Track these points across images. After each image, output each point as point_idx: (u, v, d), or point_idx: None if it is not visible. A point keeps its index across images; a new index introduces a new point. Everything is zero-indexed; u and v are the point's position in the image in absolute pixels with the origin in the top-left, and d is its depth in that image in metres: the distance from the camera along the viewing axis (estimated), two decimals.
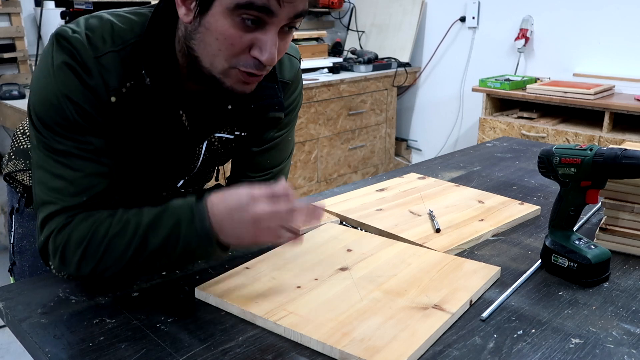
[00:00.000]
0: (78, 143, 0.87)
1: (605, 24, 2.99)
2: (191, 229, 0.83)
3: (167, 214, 0.85)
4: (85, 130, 0.87)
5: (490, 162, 1.65)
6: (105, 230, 0.85)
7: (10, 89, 2.68)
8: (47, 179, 0.87)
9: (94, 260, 0.85)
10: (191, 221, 0.83)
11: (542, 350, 0.77)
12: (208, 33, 0.83)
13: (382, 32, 3.91)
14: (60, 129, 0.86)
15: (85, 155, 0.88)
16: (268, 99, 1.02)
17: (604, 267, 0.95)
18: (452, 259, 1.00)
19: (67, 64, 0.85)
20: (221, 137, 1.04)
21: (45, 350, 0.77)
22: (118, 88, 0.88)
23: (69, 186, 0.87)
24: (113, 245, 0.84)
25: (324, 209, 0.86)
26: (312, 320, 0.81)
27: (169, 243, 0.84)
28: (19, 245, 1.17)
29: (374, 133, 3.69)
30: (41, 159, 0.88)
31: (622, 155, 0.90)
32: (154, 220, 0.84)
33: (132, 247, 0.84)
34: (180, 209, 0.84)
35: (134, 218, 0.85)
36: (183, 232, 0.83)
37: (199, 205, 0.83)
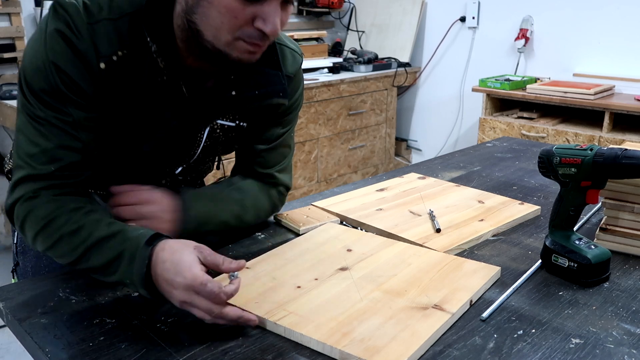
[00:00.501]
0: (58, 113, 0.89)
1: (605, 24, 2.99)
2: (129, 268, 0.83)
3: (116, 240, 0.85)
4: (67, 100, 0.88)
5: (490, 162, 1.65)
6: (60, 225, 0.88)
7: (10, 89, 2.68)
8: (23, 143, 0.90)
9: (45, 244, 0.89)
10: (130, 262, 0.82)
11: (542, 351, 0.77)
12: (211, 7, 0.84)
13: (382, 32, 3.91)
14: (44, 95, 0.88)
15: (62, 127, 0.89)
16: (272, 85, 1.02)
17: (604, 267, 0.95)
18: (452, 259, 1.00)
19: (60, 31, 0.87)
20: (223, 125, 1.04)
21: (45, 350, 0.77)
22: (109, 55, 0.89)
23: (39, 154, 0.89)
24: (62, 242, 0.88)
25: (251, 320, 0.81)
26: (312, 320, 0.81)
27: (107, 269, 0.86)
28: (22, 246, 1.17)
29: (374, 133, 3.69)
30: (22, 124, 0.91)
31: (622, 155, 0.90)
32: (103, 240, 0.85)
33: (75, 254, 0.87)
34: (129, 242, 0.84)
35: (88, 227, 0.87)
36: (121, 267, 0.84)
37: (144, 251, 0.81)
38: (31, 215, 0.89)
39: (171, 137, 0.99)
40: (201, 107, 0.99)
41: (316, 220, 1.19)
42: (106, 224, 0.88)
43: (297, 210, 1.24)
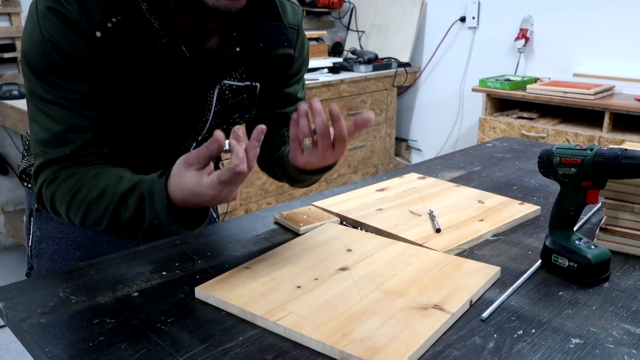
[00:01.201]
0: (64, 92, 0.88)
1: (605, 24, 2.99)
2: (152, 207, 0.85)
3: (137, 189, 0.87)
4: (71, 76, 0.88)
5: (490, 162, 1.65)
6: (85, 194, 0.89)
7: (10, 89, 2.68)
8: (37, 131, 0.91)
9: (77, 217, 0.90)
10: (152, 200, 0.85)
11: (542, 351, 0.77)
12: None
13: (382, 32, 3.91)
14: (49, 74, 0.87)
15: (70, 106, 0.89)
16: (275, 36, 1.01)
17: (604, 267, 0.95)
18: (452, 259, 1.00)
19: (50, 8, 0.86)
20: (232, 85, 1.03)
21: (45, 350, 0.77)
22: (103, 22, 0.88)
23: (52, 139, 0.89)
24: (91, 209, 0.89)
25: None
26: (312, 320, 0.81)
27: (137, 219, 0.87)
28: (37, 249, 1.16)
29: (374, 133, 3.69)
30: (33, 111, 0.91)
31: (622, 155, 0.90)
32: (126, 193, 0.87)
33: (107, 215, 0.89)
34: (145, 185, 0.86)
35: (111, 187, 0.88)
36: (147, 209, 0.86)
37: (158, 184, 0.83)
38: (57, 195, 0.90)
39: (180, 102, 0.97)
40: (206, 67, 0.97)
41: (316, 220, 1.19)
42: (128, 178, 0.88)
43: (297, 210, 1.24)
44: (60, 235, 1.14)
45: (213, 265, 1.00)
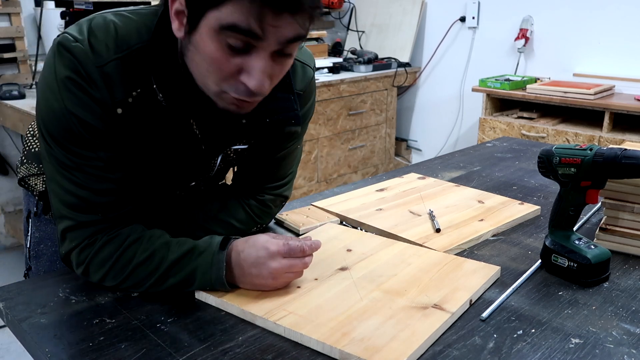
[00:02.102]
0: (88, 160, 0.87)
1: (605, 24, 2.99)
2: (206, 277, 0.88)
3: (189, 257, 0.89)
4: (92, 145, 0.86)
5: (490, 162, 1.65)
6: (129, 257, 0.89)
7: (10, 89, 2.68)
8: (59, 193, 0.89)
9: (115, 280, 0.90)
10: (208, 270, 0.88)
11: (542, 350, 0.77)
12: (197, 53, 0.80)
13: (382, 32, 3.91)
14: (68, 143, 0.86)
15: (95, 172, 0.87)
16: (284, 112, 0.98)
17: (604, 267, 0.95)
18: (452, 259, 1.00)
19: (71, 79, 0.83)
20: (237, 149, 1.02)
21: (45, 350, 0.77)
22: (124, 98, 0.86)
23: (81, 204, 0.88)
24: (136, 273, 0.89)
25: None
26: (312, 320, 0.81)
27: (185, 283, 0.89)
28: (36, 250, 1.16)
29: (374, 133, 3.69)
30: (52, 172, 0.89)
31: (622, 155, 0.90)
32: (177, 261, 0.89)
33: (152, 279, 0.89)
34: (202, 255, 0.89)
35: (159, 251, 0.89)
36: (198, 279, 0.89)
37: (219, 256, 0.88)
38: (95, 260, 0.89)
39: (186, 165, 0.98)
40: (213, 140, 0.97)
41: (316, 220, 1.19)
42: (175, 244, 0.91)
43: (297, 210, 1.24)
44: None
45: None
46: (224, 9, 0.74)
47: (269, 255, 0.87)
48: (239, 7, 0.73)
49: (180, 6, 0.79)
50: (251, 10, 0.73)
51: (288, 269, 0.88)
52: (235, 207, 1.08)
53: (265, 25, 0.74)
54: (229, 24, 0.75)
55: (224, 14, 0.75)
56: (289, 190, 1.15)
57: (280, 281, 0.89)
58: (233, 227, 1.06)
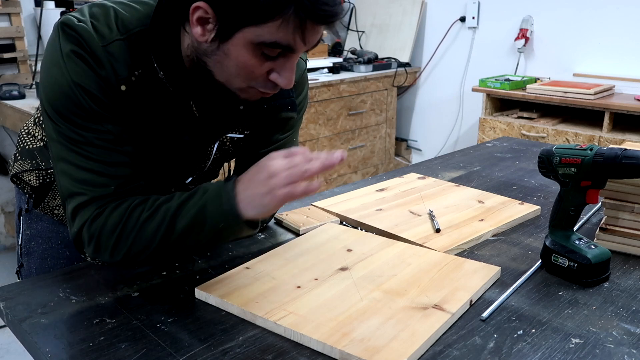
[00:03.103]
0: (97, 133, 0.87)
1: (605, 24, 2.99)
2: (218, 208, 0.84)
3: (195, 197, 0.86)
4: (102, 117, 0.87)
5: (490, 162, 1.65)
6: (137, 216, 0.87)
7: (10, 89, 2.68)
8: (71, 170, 0.88)
9: (126, 245, 0.87)
10: (219, 201, 0.84)
11: (542, 350, 0.77)
12: (227, 59, 0.83)
13: (382, 32, 3.91)
14: (78, 118, 0.86)
15: (106, 145, 0.88)
16: (280, 98, 1.02)
17: (604, 267, 0.95)
18: (452, 259, 1.00)
19: (76, 53, 0.85)
20: (232, 137, 1.04)
21: (45, 350, 0.77)
22: (127, 77, 0.87)
23: (95, 177, 0.88)
24: (143, 229, 0.87)
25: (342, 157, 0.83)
26: (312, 320, 0.81)
27: (195, 224, 0.85)
28: (27, 247, 1.16)
29: (374, 133, 3.69)
30: (62, 151, 0.88)
31: (622, 155, 0.90)
32: (182, 203, 0.86)
33: (161, 230, 0.86)
34: (208, 190, 0.86)
35: (164, 203, 0.88)
36: (209, 213, 0.84)
37: (227, 185, 0.84)
38: (105, 229, 0.87)
39: (183, 152, 0.99)
40: (211, 123, 0.99)
41: (316, 220, 1.19)
42: (179, 193, 0.88)
43: (297, 210, 1.24)
44: (50, 235, 1.14)
45: (213, 265, 1.00)
46: (266, 27, 0.78)
47: (268, 158, 0.84)
48: (283, 27, 0.78)
49: (205, 15, 0.80)
50: (295, 30, 0.79)
51: (287, 164, 0.81)
52: None
53: (305, 39, 0.81)
54: (270, 42, 0.79)
55: (265, 31, 0.79)
56: None
57: (280, 184, 0.80)
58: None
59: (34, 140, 1.09)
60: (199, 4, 0.80)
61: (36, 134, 1.09)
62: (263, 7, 0.77)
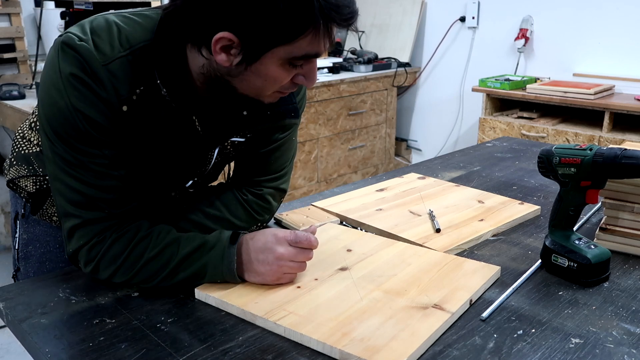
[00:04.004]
0: (91, 157, 0.87)
1: (605, 24, 2.99)
2: (218, 269, 0.90)
3: (200, 252, 0.91)
4: (98, 142, 0.87)
5: (490, 162, 1.65)
6: (140, 252, 0.90)
7: (10, 89, 2.68)
8: (65, 191, 0.89)
9: (125, 276, 0.91)
10: (220, 264, 0.90)
11: (542, 350, 0.77)
12: (255, 76, 0.85)
13: (382, 32, 3.91)
14: (74, 141, 0.86)
15: (99, 170, 0.88)
16: (284, 105, 1.02)
17: (604, 267, 0.95)
18: (452, 259, 1.00)
19: (77, 76, 0.84)
20: (234, 141, 1.03)
21: (45, 351, 0.77)
22: (129, 96, 0.87)
23: (87, 201, 0.89)
24: (146, 268, 0.90)
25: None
26: (312, 320, 0.81)
27: (195, 277, 0.91)
28: (24, 251, 1.15)
29: (374, 133, 3.69)
30: (57, 171, 0.89)
31: (622, 155, 0.89)
32: (188, 255, 0.90)
33: (163, 274, 0.90)
34: (213, 250, 0.91)
35: (170, 247, 0.91)
36: (210, 271, 0.90)
37: (231, 250, 0.90)
38: (105, 258, 0.90)
39: (184, 160, 0.99)
40: (214, 135, 0.99)
41: (316, 220, 1.19)
42: (185, 239, 0.92)
43: (297, 210, 1.24)
44: (47, 239, 1.13)
45: None
46: (296, 43, 0.80)
47: (276, 240, 0.90)
48: (313, 39, 0.81)
49: (228, 42, 0.81)
50: (323, 37, 0.81)
51: (293, 256, 0.90)
52: (234, 204, 1.08)
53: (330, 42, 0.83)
54: (302, 55, 0.82)
55: (295, 47, 0.81)
56: (287, 183, 1.16)
57: (284, 270, 0.90)
58: (233, 225, 1.06)
59: (30, 144, 1.07)
60: (222, 35, 0.79)
61: (32, 139, 1.07)
62: (291, 27, 0.78)
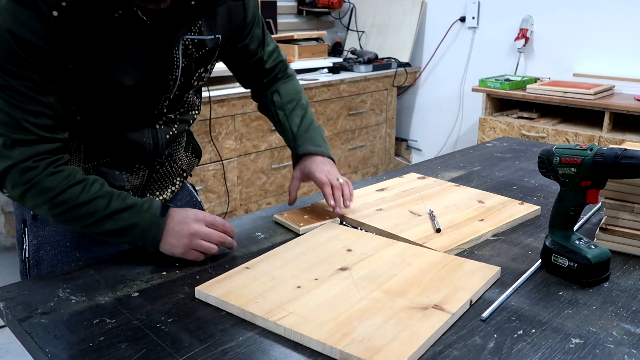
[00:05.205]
0: (21, 80, 0.91)
1: (605, 24, 2.99)
2: (143, 234, 0.98)
3: (130, 212, 0.97)
4: (28, 65, 0.90)
5: (490, 162, 1.65)
6: (74, 194, 0.95)
7: None
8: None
9: (50, 212, 0.95)
10: (147, 229, 0.97)
11: (542, 350, 0.77)
12: None
13: (382, 32, 3.91)
14: (6, 62, 0.90)
15: (27, 93, 0.92)
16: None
17: (604, 267, 0.95)
18: (452, 259, 1.00)
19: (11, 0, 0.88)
20: (194, 40, 1.07)
21: (45, 351, 0.77)
22: (57, 1, 0.89)
23: (14, 123, 0.92)
24: (76, 211, 0.95)
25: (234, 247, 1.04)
26: (312, 320, 0.81)
27: (119, 233, 0.97)
28: (36, 258, 1.14)
29: (374, 133, 3.69)
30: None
31: (622, 155, 0.89)
32: (118, 212, 0.97)
33: (89, 221, 0.96)
34: (143, 213, 0.98)
35: (104, 198, 0.97)
36: (136, 234, 0.98)
37: (160, 220, 0.98)
38: (37, 187, 0.94)
39: (149, 64, 1.01)
40: (166, 27, 1.00)
41: (316, 220, 1.19)
42: (118, 197, 0.98)
43: (297, 210, 1.24)
44: (58, 239, 1.13)
45: (213, 265, 1.00)
46: None
47: (195, 218, 0.99)
48: None
49: None
50: None
51: (206, 235, 0.98)
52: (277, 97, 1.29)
53: None
54: None
55: None
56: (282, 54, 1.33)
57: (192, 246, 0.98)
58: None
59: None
60: None
61: None
62: None
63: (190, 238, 0.98)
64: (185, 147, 1.27)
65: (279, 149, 3.10)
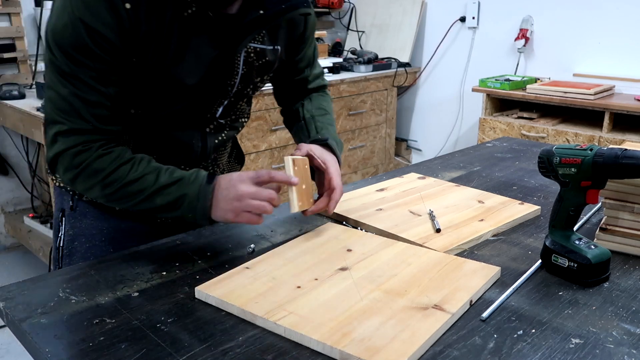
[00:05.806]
0: (86, 68, 0.92)
1: (605, 24, 2.99)
2: (192, 205, 0.96)
3: (179, 185, 0.97)
4: (95, 56, 0.91)
5: (490, 162, 1.65)
6: (124, 173, 0.96)
7: (10, 89, 2.68)
8: (56, 99, 0.94)
9: (101, 192, 0.96)
10: (196, 199, 0.96)
11: (542, 351, 0.77)
12: None
13: (382, 32, 3.91)
14: (73, 51, 0.90)
15: (89, 82, 0.93)
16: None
17: (604, 267, 0.95)
18: (452, 259, 1.00)
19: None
20: (256, 48, 1.08)
21: (45, 350, 0.77)
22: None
23: (75, 110, 0.94)
24: (126, 189, 0.96)
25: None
26: (312, 320, 0.81)
27: (169, 207, 0.97)
28: (69, 248, 1.16)
29: (374, 133, 3.69)
30: (52, 81, 0.95)
31: (622, 155, 0.90)
32: (166, 186, 0.96)
33: (139, 198, 0.97)
34: (190, 184, 0.97)
35: (152, 174, 0.97)
36: (185, 205, 0.96)
37: (207, 188, 0.96)
38: (88, 169, 0.96)
39: (210, 66, 1.02)
40: (233, 32, 1.02)
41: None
42: (165, 171, 0.98)
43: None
44: (93, 232, 1.15)
45: (213, 265, 1.00)
46: None
47: (239, 179, 0.97)
48: None
49: None
50: None
51: (254, 194, 0.95)
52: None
53: None
54: None
55: None
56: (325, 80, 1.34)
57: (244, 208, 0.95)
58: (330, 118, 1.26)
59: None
60: None
61: None
62: None
63: (239, 199, 0.95)
64: (229, 153, 1.28)
65: (279, 149, 3.10)
